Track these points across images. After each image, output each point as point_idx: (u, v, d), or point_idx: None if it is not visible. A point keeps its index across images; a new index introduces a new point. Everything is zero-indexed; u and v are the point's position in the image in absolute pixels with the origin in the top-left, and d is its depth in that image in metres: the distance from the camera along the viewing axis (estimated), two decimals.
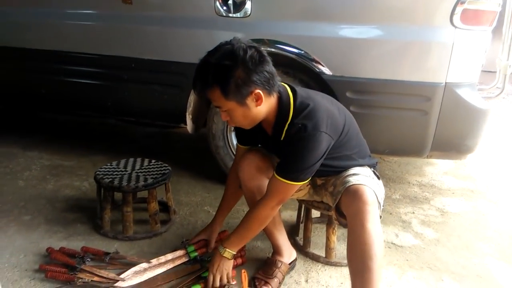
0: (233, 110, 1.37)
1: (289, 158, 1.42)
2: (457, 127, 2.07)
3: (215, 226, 1.83)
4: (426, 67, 1.98)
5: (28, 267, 1.72)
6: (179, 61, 2.31)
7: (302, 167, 1.39)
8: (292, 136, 1.40)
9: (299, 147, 1.38)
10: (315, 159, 1.39)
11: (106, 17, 2.43)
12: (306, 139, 1.37)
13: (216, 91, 1.33)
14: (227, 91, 1.31)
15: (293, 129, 1.40)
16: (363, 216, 1.33)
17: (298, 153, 1.38)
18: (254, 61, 1.31)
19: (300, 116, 1.39)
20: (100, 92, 2.61)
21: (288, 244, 1.76)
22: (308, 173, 1.42)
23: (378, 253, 1.30)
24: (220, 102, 1.36)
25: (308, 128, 1.36)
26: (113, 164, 2.10)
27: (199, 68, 1.36)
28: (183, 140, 3.39)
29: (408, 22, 1.97)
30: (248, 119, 1.42)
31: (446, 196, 2.53)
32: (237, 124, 1.45)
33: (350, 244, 1.38)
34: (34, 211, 2.16)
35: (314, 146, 1.37)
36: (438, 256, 1.90)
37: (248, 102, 1.35)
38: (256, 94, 1.34)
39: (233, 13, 2.14)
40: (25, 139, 3.19)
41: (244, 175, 1.62)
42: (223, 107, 1.37)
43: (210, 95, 1.36)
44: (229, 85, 1.30)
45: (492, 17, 1.95)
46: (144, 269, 1.68)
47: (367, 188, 1.39)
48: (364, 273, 1.30)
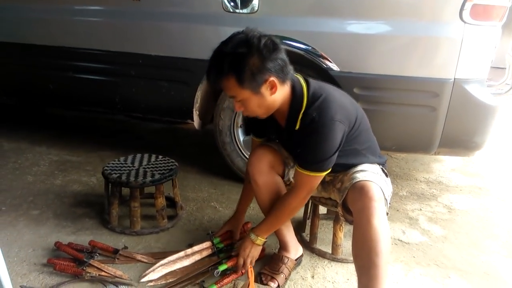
0: (247, 99, 1.37)
1: (308, 149, 1.43)
2: (466, 124, 2.05)
3: (239, 217, 1.87)
4: (434, 63, 1.96)
5: (36, 261, 1.73)
6: (187, 57, 2.31)
7: (321, 158, 1.40)
8: (307, 126, 1.40)
9: (316, 137, 1.39)
10: (332, 148, 1.40)
11: (114, 14, 2.44)
12: (321, 129, 1.37)
13: (231, 79, 1.33)
14: (242, 79, 1.32)
15: (307, 119, 1.40)
16: (369, 212, 1.33)
17: (316, 144, 1.39)
18: (268, 49, 1.32)
19: (314, 106, 1.40)
20: (107, 88, 2.62)
21: (295, 241, 1.76)
22: (329, 163, 1.43)
23: (384, 249, 1.30)
24: (235, 91, 1.36)
25: (322, 118, 1.37)
26: (120, 159, 2.12)
27: (213, 57, 1.37)
28: (190, 136, 3.40)
29: (416, 18, 1.95)
30: (262, 108, 1.42)
31: (453, 193, 2.51)
32: (251, 113, 1.45)
33: (356, 240, 1.38)
34: (43, 206, 2.18)
35: (330, 136, 1.38)
36: (445, 253, 1.89)
37: (263, 90, 1.35)
38: (270, 82, 1.35)
39: (240, 9, 2.14)
40: (33, 135, 3.22)
41: (253, 170, 1.62)
42: (238, 96, 1.37)
43: (225, 84, 1.36)
44: (244, 73, 1.31)
45: (502, 12, 1.92)
46: (172, 261, 1.71)
47: (374, 185, 1.38)
48: (371, 269, 1.30)
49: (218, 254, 1.76)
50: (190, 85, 2.34)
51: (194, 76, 2.31)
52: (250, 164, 1.64)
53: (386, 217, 1.37)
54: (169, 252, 1.78)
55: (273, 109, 1.45)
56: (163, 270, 1.67)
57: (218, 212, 2.19)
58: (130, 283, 1.61)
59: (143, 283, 1.62)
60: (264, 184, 1.62)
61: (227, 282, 1.59)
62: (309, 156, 1.43)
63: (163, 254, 1.77)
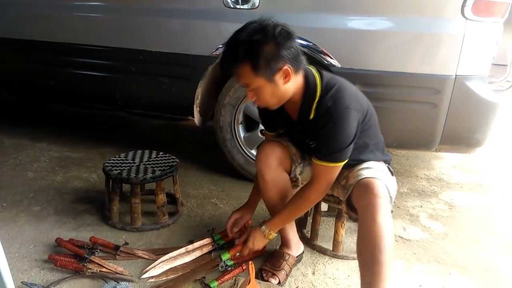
0: (261, 87, 1.36)
1: (324, 139, 1.42)
2: (467, 121, 2.05)
3: (250, 206, 1.85)
4: (436, 60, 1.96)
5: (37, 257, 1.74)
6: (187, 53, 2.30)
7: (339, 147, 1.40)
8: (322, 115, 1.40)
9: (332, 126, 1.38)
10: (349, 137, 1.40)
11: (115, 9, 2.43)
12: (337, 117, 1.37)
13: (246, 67, 1.33)
14: (257, 67, 1.32)
15: (322, 108, 1.40)
16: (374, 209, 1.33)
17: (332, 133, 1.39)
18: (283, 37, 1.32)
19: (328, 95, 1.40)
20: (108, 84, 2.62)
21: (297, 238, 1.76)
22: (346, 152, 1.42)
23: (388, 246, 1.30)
24: (249, 78, 1.35)
25: (338, 106, 1.37)
26: (121, 156, 2.11)
27: (228, 44, 1.36)
28: (190, 133, 3.40)
29: (418, 14, 1.95)
30: (275, 98, 1.41)
31: (454, 190, 2.51)
32: (263, 103, 1.44)
33: (360, 236, 1.38)
34: (44, 202, 2.18)
35: (346, 124, 1.38)
36: (446, 249, 1.89)
37: (277, 78, 1.35)
38: (284, 71, 1.35)
39: (241, 4, 2.13)
40: (34, 131, 3.22)
41: (261, 165, 1.61)
42: (252, 84, 1.36)
43: (239, 71, 1.35)
44: (259, 60, 1.31)
45: (504, 8, 1.91)
46: (173, 258, 1.71)
47: (379, 182, 1.38)
48: (374, 265, 1.29)
49: (219, 251, 1.76)
50: (191, 82, 2.33)
51: (195, 72, 2.31)
52: (258, 159, 1.63)
53: (390, 214, 1.37)
54: (170, 249, 1.78)
55: (286, 99, 1.44)
56: (164, 266, 1.67)
57: (219, 208, 2.19)
58: (131, 279, 1.61)
59: (144, 279, 1.62)
60: (271, 180, 1.61)
61: (228, 278, 1.60)
62: (326, 146, 1.42)
63: (164, 251, 1.77)
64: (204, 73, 2.28)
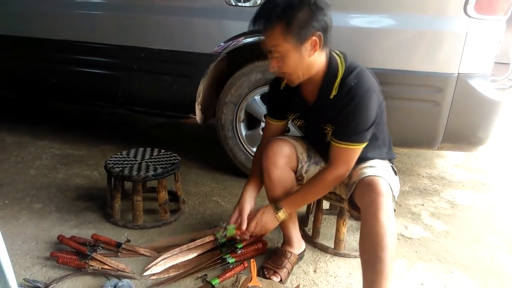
0: (288, 53, 1.35)
1: (346, 120, 1.41)
2: (469, 119, 2.04)
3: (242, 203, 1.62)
4: (438, 58, 1.95)
5: (39, 254, 1.74)
6: (189, 51, 2.30)
7: (361, 128, 1.40)
8: (345, 95, 1.39)
9: (355, 106, 1.38)
10: (370, 118, 1.40)
11: (117, 7, 2.43)
12: (360, 97, 1.38)
13: (278, 28, 1.32)
14: (289, 30, 1.32)
15: (345, 87, 1.40)
16: (376, 207, 1.32)
17: (355, 112, 1.39)
18: (318, 7, 1.34)
19: (351, 75, 1.40)
20: (110, 82, 2.62)
21: (299, 236, 1.76)
22: (367, 134, 1.42)
23: (390, 244, 1.30)
24: (278, 40, 1.34)
25: (361, 87, 1.38)
26: (123, 153, 2.11)
27: (265, 4, 1.36)
28: (192, 131, 3.40)
29: (421, 12, 1.94)
30: (299, 69, 1.40)
31: (456, 189, 2.51)
32: (286, 72, 1.41)
33: (363, 234, 1.38)
34: (45, 200, 2.18)
35: (369, 105, 1.39)
36: (448, 248, 1.89)
37: (304, 48, 1.35)
38: (313, 41, 1.35)
39: (243, 2, 2.13)
40: (35, 129, 3.22)
41: (268, 163, 1.57)
42: (279, 47, 1.34)
43: (270, 32, 1.34)
44: (292, 24, 1.31)
45: (507, 6, 1.91)
46: (175, 255, 1.71)
47: (382, 180, 1.38)
48: (376, 263, 1.29)
49: (221, 248, 1.76)
50: (193, 79, 2.33)
51: (197, 70, 2.30)
52: (266, 157, 1.58)
53: (393, 212, 1.37)
54: (172, 246, 1.78)
55: (308, 75, 1.42)
56: (166, 263, 1.67)
57: (220, 206, 2.20)
58: (132, 276, 1.61)
59: (145, 276, 1.62)
60: (278, 179, 1.58)
61: (229, 276, 1.60)
62: (348, 127, 1.41)
63: (166, 248, 1.77)
64: (206, 71, 2.28)
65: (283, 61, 1.38)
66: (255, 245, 1.76)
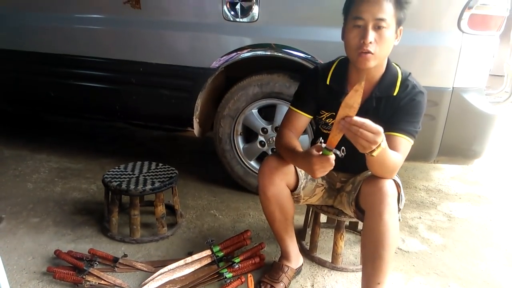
0: (389, 30, 1.35)
1: (411, 114, 1.43)
2: (464, 132, 2.06)
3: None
4: (433, 72, 1.97)
5: (36, 269, 1.73)
6: (187, 65, 2.32)
7: (417, 125, 1.45)
8: (409, 92, 1.44)
9: (418, 103, 1.43)
10: (421, 120, 1.46)
11: (115, 22, 2.45)
12: (422, 97, 1.44)
13: (392, 2, 1.34)
14: (399, 8, 1.35)
15: (408, 85, 1.45)
16: (381, 207, 1.33)
17: (418, 108, 1.44)
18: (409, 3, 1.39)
19: (409, 77, 1.48)
20: (108, 95, 2.63)
21: (297, 250, 1.75)
22: (417, 134, 1.46)
23: (392, 244, 1.33)
24: (389, 14, 1.33)
25: (421, 88, 1.46)
26: (121, 167, 2.12)
27: None
28: (190, 144, 3.41)
29: (415, 27, 1.96)
30: (386, 51, 1.40)
31: (453, 201, 2.52)
32: (377, 49, 1.35)
33: (366, 230, 1.40)
34: (43, 214, 2.18)
35: (425, 107, 1.46)
36: (445, 261, 1.89)
37: (397, 30, 1.40)
38: (401, 30, 1.42)
39: (240, 17, 2.16)
40: (33, 142, 3.22)
41: (263, 181, 1.55)
42: (387, 21, 1.33)
43: (384, 3, 1.33)
44: (403, 4, 1.36)
45: (500, 22, 1.94)
46: (172, 270, 1.70)
47: (389, 180, 1.39)
48: (376, 260, 1.34)
49: (218, 263, 1.76)
50: (191, 93, 2.35)
51: (195, 84, 2.32)
52: (262, 173, 1.55)
53: (397, 212, 1.38)
54: (169, 261, 1.78)
55: (383, 60, 1.43)
56: (163, 278, 1.66)
57: (218, 220, 2.19)
58: None
59: None
60: (273, 196, 1.56)
61: None
62: (409, 121, 1.43)
63: (163, 263, 1.77)
64: (204, 85, 2.30)
65: (382, 36, 1.34)
66: (253, 259, 1.76)
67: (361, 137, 1.15)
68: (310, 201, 1.74)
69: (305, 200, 1.70)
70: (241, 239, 1.86)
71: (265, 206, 1.62)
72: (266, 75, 2.24)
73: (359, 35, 1.35)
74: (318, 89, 1.56)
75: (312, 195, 1.69)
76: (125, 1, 2.33)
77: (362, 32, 1.35)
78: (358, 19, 1.35)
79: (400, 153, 1.39)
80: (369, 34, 1.33)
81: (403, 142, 1.41)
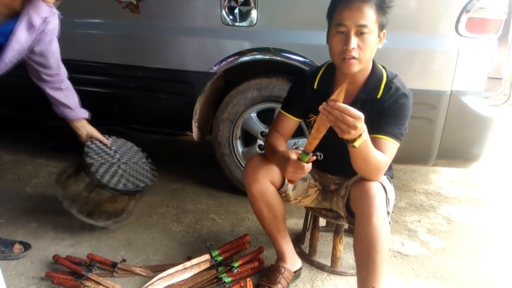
0: (372, 35, 1.37)
1: (394, 117, 1.44)
2: (463, 135, 2.06)
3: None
4: (431, 75, 1.98)
5: (35, 274, 1.73)
6: (186, 69, 2.33)
7: (402, 127, 1.45)
8: (392, 94, 1.45)
9: (402, 105, 1.44)
10: (407, 122, 1.47)
11: (114, 26, 2.46)
12: (406, 99, 1.45)
13: (374, 7, 1.35)
14: (381, 13, 1.37)
15: (391, 88, 1.46)
16: (370, 211, 1.34)
17: (403, 110, 1.44)
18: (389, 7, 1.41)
19: (394, 79, 1.48)
20: (107, 100, 2.63)
21: (293, 251, 1.75)
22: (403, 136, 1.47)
23: (383, 246, 1.33)
24: (370, 20, 1.35)
25: (406, 90, 1.46)
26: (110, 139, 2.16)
27: None
28: (188, 147, 3.41)
29: (413, 31, 1.98)
30: (369, 55, 1.41)
31: (452, 204, 2.52)
32: (361, 54, 1.38)
33: (357, 236, 1.41)
34: (41, 219, 2.17)
35: (410, 108, 1.46)
36: (445, 265, 1.89)
37: (379, 35, 1.41)
38: (383, 32, 1.43)
39: (239, 22, 2.16)
40: (32, 147, 3.22)
41: (248, 179, 1.61)
42: (369, 27, 1.35)
43: (366, 9, 1.35)
44: (384, 8, 1.37)
45: (497, 25, 1.95)
46: (171, 274, 1.70)
47: (376, 183, 1.39)
48: (369, 264, 1.34)
49: (217, 267, 1.75)
50: (190, 97, 2.35)
51: (194, 88, 2.33)
52: (245, 172, 1.62)
53: (386, 215, 1.38)
54: (168, 265, 1.77)
55: (367, 64, 1.45)
56: (162, 283, 1.66)
57: (217, 224, 2.19)
58: None
59: None
60: (258, 193, 1.60)
61: None
62: (398, 124, 1.44)
63: (162, 267, 1.77)
64: (203, 89, 2.30)
65: (365, 41, 1.37)
66: (252, 264, 1.75)
67: (342, 120, 1.20)
68: (304, 202, 1.74)
69: (298, 200, 1.71)
70: (240, 244, 1.86)
71: (253, 205, 1.65)
72: (264, 79, 2.24)
73: (342, 41, 1.38)
74: (306, 93, 1.60)
75: (305, 195, 1.70)
76: (124, 6, 2.34)
77: (344, 38, 1.37)
78: (341, 26, 1.38)
79: (386, 155, 1.41)
80: (352, 40, 1.35)
81: (388, 144, 1.43)
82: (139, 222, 2.16)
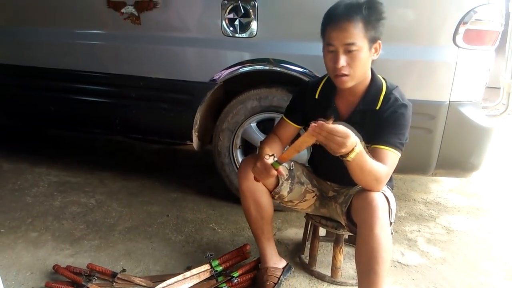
0: (360, 51, 1.38)
1: (395, 127, 1.45)
2: (462, 146, 2.08)
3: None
4: (430, 86, 2.00)
5: (34, 284, 1.72)
6: (187, 79, 2.35)
7: (402, 137, 1.46)
8: (391, 105, 1.46)
9: (401, 115, 1.45)
10: (407, 133, 1.48)
11: (116, 37, 2.48)
12: (406, 109, 1.46)
13: (360, 23, 1.37)
14: (369, 27, 1.38)
15: (390, 99, 1.47)
16: (372, 222, 1.35)
17: (402, 122, 1.46)
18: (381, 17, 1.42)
19: (394, 90, 1.50)
20: (108, 109, 2.65)
21: (275, 253, 1.77)
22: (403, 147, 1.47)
23: (385, 258, 1.33)
24: (358, 37, 1.37)
25: (405, 100, 1.48)
26: None
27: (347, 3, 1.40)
28: (189, 157, 3.42)
29: (412, 42, 2.00)
30: (362, 70, 1.43)
31: (451, 214, 2.52)
32: (351, 71, 1.40)
33: (359, 246, 1.40)
34: (41, 228, 2.18)
35: (409, 119, 1.48)
36: (444, 275, 1.89)
37: (371, 48, 1.42)
38: (378, 44, 1.44)
39: (239, 33, 2.19)
40: (33, 156, 3.23)
41: (239, 176, 1.65)
42: (356, 43, 1.37)
43: (352, 27, 1.36)
44: (372, 22, 1.38)
45: (494, 36, 1.97)
46: (170, 285, 1.70)
47: (378, 194, 1.40)
48: (370, 275, 1.34)
49: (217, 277, 1.75)
50: (190, 107, 2.36)
51: (194, 98, 2.34)
52: (239, 170, 1.66)
53: (389, 226, 1.39)
54: (168, 275, 1.77)
55: (361, 79, 1.46)
56: None
57: (217, 234, 2.19)
58: None
59: None
60: (247, 190, 1.63)
61: None
62: (398, 133, 1.45)
63: (162, 277, 1.76)
64: (203, 99, 2.32)
65: (354, 58, 1.39)
66: (252, 273, 1.75)
67: (331, 141, 1.24)
68: (301, 206, 1.75)
69: (294, 203, 1.72)
70: (240, 253, 1.86)
71: (242, 202, 1.68)
72: (264, 89, 2.26)
73: (332, 59, 1.42)
74: (307, 103, 1.63)
75: (302, 200, 1.70)
76: (126, 17, 2.36)
77: (334, 57, 1.41)
78: (330, 45, 1.42)
79: (387, 165, 1.42)
80: (340, 59, 1.39)
81: (388, 154, 1.43)
82: (139, 232, 2.16)
